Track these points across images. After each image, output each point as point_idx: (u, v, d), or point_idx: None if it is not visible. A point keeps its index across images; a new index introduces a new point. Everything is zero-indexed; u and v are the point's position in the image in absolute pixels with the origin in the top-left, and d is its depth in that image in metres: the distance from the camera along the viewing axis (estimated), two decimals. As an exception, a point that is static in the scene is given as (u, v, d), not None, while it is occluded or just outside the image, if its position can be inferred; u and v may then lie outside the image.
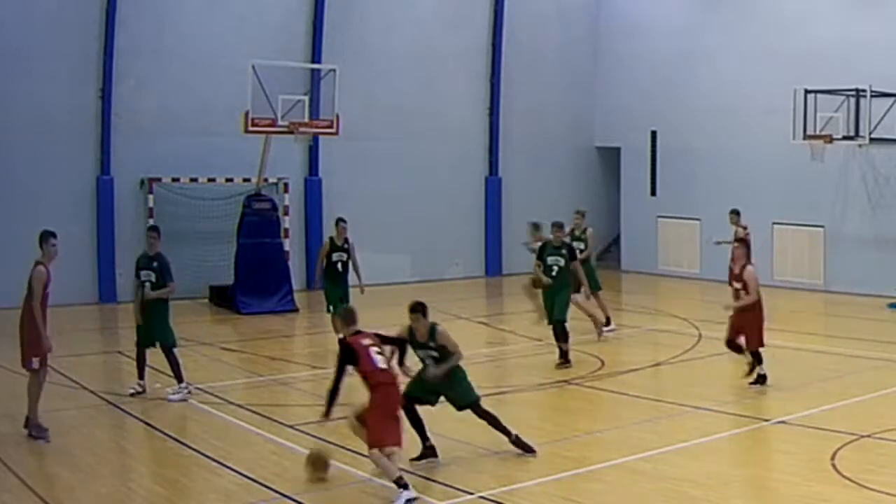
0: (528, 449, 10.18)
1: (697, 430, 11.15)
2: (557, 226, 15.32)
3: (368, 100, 23.83)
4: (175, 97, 21.55)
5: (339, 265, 15.79)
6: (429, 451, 10.08)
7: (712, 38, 25.32)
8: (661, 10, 26.92)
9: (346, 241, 15.90)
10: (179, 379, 12.72)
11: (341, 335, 9.90)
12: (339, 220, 16.10)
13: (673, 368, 14.99)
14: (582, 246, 17.26)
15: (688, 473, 9.66)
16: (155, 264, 13.04)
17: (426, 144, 25.27)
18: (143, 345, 13.04)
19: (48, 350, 11.06)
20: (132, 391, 12.97)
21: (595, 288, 17.09)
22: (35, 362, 10.96)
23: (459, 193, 25.93)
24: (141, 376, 13.00)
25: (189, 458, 10.22)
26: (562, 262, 14.88)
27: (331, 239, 16.03)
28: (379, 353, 9.39)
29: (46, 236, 12.28)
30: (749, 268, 13.10)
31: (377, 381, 9.24)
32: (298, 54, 22.91)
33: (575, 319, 18.92)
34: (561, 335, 14.80)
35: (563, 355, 14.70)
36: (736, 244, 14.05)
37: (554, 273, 14.85)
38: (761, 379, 13.14)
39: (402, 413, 9.50)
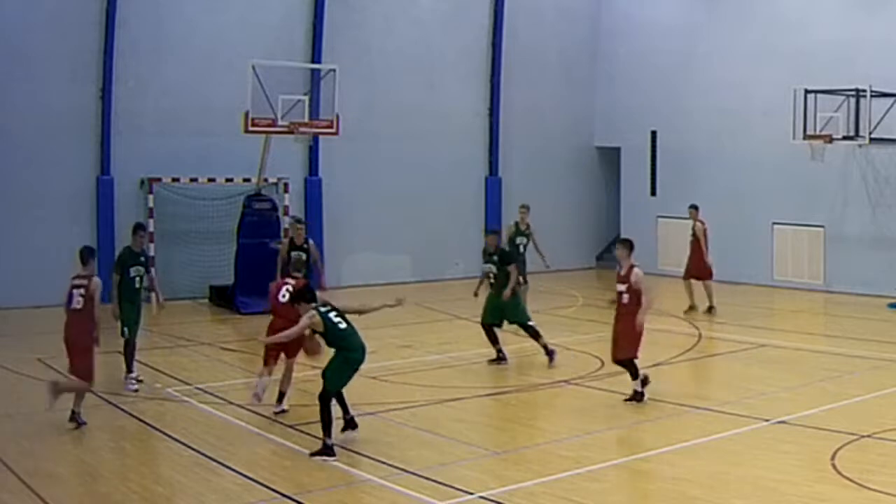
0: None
1: (697, 430, 11.15)
2: (493, 233, 15.94)
3: (368, 100, 23.83)
4: (175, 97, 21.54)
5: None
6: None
7: (712, 38, 25.32)
8: (661, 10, 26.92)
9: (306, 241, 15.94)
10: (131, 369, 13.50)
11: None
12: (297, 221, 16.18)
13: (673, 368, 14.98)
14: (525, 241, 17.85)
15: (688, 473, 9.66)
16: (142, 259, 14.02)
17: (426, 145, 25.26)
18: (135, 337, 13.91)
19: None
20: (135, 388, 13.05)
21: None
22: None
23: (459, 193, 25.93)
24: (133, 369, 13.55)
25: (189, 458, 10.22)
26: (494, 269, 15.13)
27: (291, 239, 16.10)
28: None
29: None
30: (636, 269, 12.29)
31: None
32: (298, 54, 22.91)
33: (575, 320, 18.98)
34: (533, 335, 15.00)
35: (548, 352, 14.88)
36: (618, 246, 12.80)
37: (491, 280, 15.19)
38: (637, 396, 12.33)
39: None
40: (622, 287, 12.32)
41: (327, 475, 9.76)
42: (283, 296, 11.95)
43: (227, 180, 21.91)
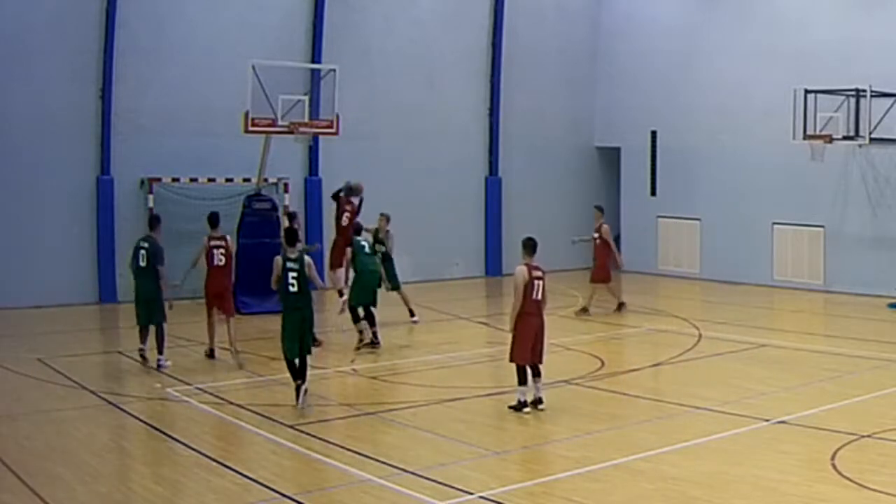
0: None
1: (697, 430, 11.15)
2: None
3: (368, 100, 23.83)
4: (175, 97, 21.54)
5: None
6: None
7: (712, 38, 25.33)
8: (661, 10, 26.93)
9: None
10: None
11: None
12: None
13: (673, 368, 14.98)
14: (384, 249, 18.23)
15: (688, 473, 9.66)
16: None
17: (426, 145, 25.27)
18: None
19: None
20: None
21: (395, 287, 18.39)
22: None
23: (459, 193, 25.92)
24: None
25: (189, 458, 10.22)
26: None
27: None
28: None
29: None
30: (517, 268, 12.07)
31: None
32: (298, 54, 22.91)
33: (575, 321, 19.01)
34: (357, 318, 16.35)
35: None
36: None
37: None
38: (518, 405, 11.94)
39: None
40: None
41: (327, 475, 9.77)
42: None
43: (227, 180, 21.90)
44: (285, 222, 16.95)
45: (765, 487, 9.25)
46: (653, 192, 27.13)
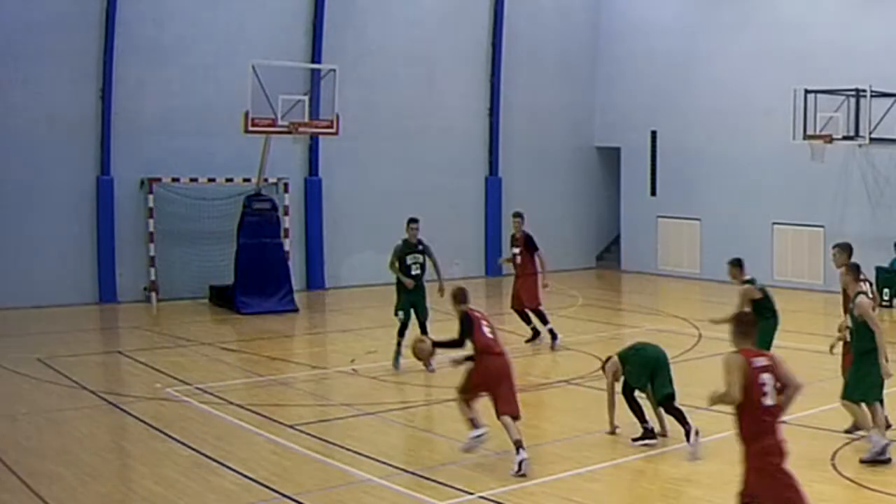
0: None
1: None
2: (413, 221, 15.48)
3: (368, 100, 23.83)
4: (175, 97, 21.54)
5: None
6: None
7: (712, 38, 25.32)
8: (661, 10, 26.92)
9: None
10: None
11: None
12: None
13: (673, 368, 14.95)
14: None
15: (688, 473, 9.67)
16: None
17: (426, 144, 25.26)
18: None
19: None
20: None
21: None
22: None
23: (459, 193, 25.92)
24: None
25: (189, 458, 10.22)
26: (421, 259, 15.03)
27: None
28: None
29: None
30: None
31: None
32: (298, 54, 22.91)
33: (575, 320, 19.00)
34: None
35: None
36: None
37: (413, 273, 14.87)
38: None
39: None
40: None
41: (327, 475, 9.78)
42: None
43: (227, 180, 21.90)
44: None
45: (765, 487, 9.23)
46: (653, 192, 27.13)
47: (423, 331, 14.39)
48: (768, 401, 7.05)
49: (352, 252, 23.95)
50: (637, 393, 10.82)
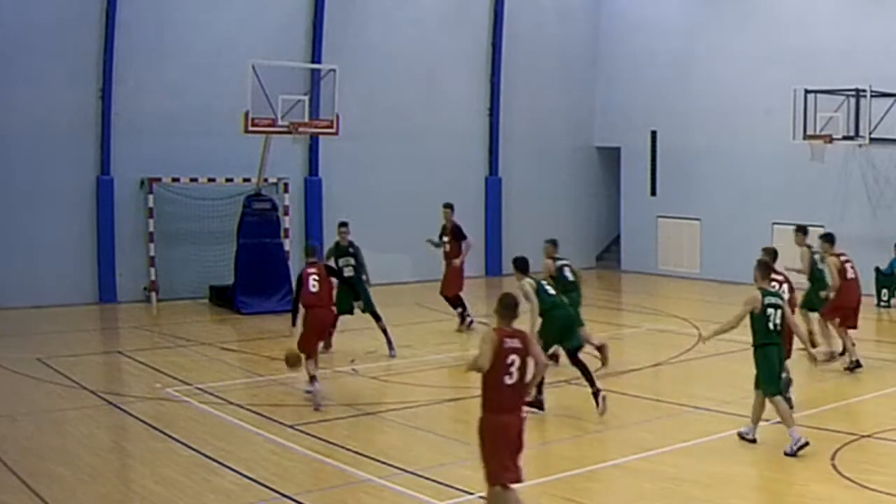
0: None
1: (697, 430, 11.15)
2: (343, 224, 16.57)
3: (368, 100, 23.82)
4: (175, 97, 21.53)
5: None
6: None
7: (712, 38, 25.32)
8: (661, 10, 26.92)
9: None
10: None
11: None
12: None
13: (673, 368, 14.99)
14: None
15: (688, 473, 9.67)
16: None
17: (426, 144, 25.26)
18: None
19: None
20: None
21: None
22: None
23: (459, 193, 25.85)
24: None
25: (189, 458, 10.22)
26: (352, 261, 15.84)
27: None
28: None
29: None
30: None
31: None
32: (298, 54, 22.90)
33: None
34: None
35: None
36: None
37: (345, 275, 15.41)
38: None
39: None
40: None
41: (327, 475, 9.78)
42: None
43: (227, 180, 21.90)
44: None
45: (764, 487, 9.26)
46: (653, 192, 27.13)
47: (376, 317, 15.68)
48: (509, 380, 7.55)
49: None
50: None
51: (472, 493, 8.97)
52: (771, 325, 10.45)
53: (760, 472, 9.70)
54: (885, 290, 21.08)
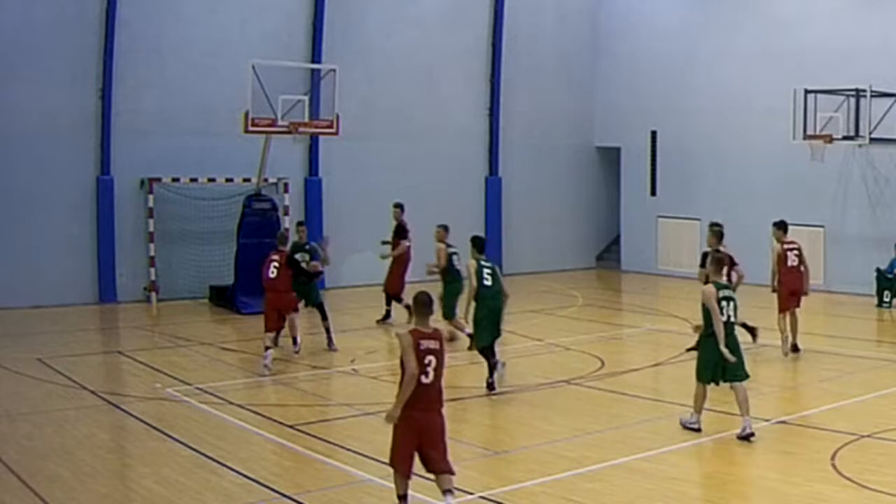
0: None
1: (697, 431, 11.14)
2: (301, 224, 17.86)
3: (368, 100, 23.82)
4: (175, 97, 21.54)
5: None
6: None
7: (712, 38, 25.33)
8: (660, 10, 26.93)
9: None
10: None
11: None
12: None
13: (673, 368, 14.98)
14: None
15: (688, 473, 9.66)
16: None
17: (426, 145, 25.26)
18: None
19: None
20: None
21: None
22: None
23: (459, 193, 25.91)
24: None
25: (189, 458, 10.22)
26: (307, 257, 16.60)
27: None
28: None
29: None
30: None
31: None
32: (298, 54, 22.90)
33: (575, 320, 19.01)
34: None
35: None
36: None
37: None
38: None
39: None
40: None
41: (327, 475, 9.77)
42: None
43: (227, 180, 21.91)
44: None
45: (765, 487, 9.25)
46: (653, 192, 27.13)
47: (322, 312, 16.24)
48: (425, 379, 7.97)
49: (351, 252, 23.93)
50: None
51: (472, 493, 8.97)
52: (724, 317, 10.82)
53: (760, 472, 9.69)
54: (886, 292, 21.04)
